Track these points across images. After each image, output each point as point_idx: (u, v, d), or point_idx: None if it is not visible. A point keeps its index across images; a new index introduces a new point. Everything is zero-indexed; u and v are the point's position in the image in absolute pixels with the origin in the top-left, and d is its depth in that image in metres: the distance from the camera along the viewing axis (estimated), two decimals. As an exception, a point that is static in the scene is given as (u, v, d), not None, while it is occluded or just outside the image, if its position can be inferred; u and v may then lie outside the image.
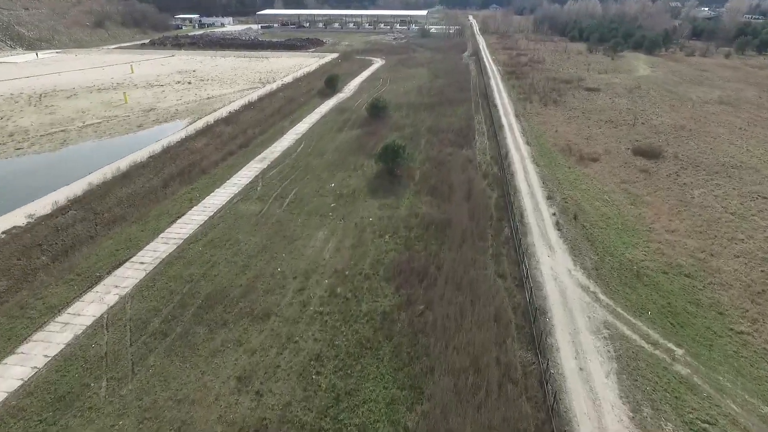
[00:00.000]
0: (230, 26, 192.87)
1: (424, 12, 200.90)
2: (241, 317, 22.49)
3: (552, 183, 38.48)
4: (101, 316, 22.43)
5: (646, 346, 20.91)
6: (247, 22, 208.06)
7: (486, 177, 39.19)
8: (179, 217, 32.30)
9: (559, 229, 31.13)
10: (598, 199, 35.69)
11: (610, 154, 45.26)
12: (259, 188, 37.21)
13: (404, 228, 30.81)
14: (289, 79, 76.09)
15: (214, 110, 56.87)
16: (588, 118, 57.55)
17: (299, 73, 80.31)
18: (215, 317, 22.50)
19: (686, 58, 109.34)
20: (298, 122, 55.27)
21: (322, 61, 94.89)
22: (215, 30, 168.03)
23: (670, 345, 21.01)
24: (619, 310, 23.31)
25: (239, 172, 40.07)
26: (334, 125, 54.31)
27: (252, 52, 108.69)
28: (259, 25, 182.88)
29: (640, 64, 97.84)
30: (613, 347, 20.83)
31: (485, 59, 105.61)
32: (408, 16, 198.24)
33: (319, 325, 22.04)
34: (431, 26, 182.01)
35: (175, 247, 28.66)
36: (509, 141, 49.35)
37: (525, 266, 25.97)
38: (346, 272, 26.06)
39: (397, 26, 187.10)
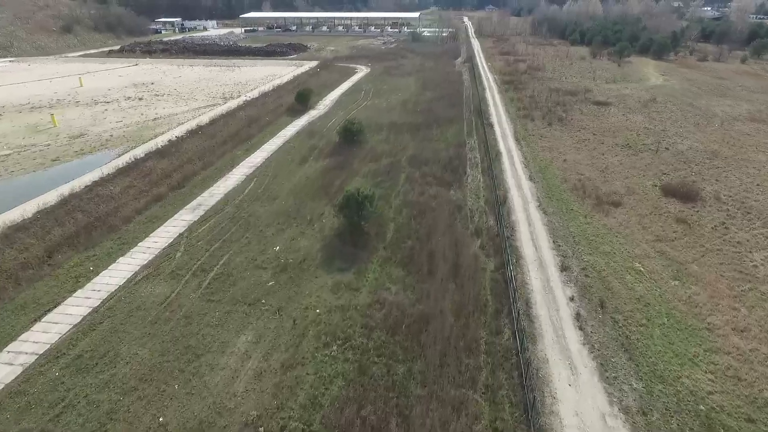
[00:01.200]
0: (213, 30, 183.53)
1: (416, 14, 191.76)
2: None
3: (565, 242, 29.39)
4: None
5: None
6: (232, 26, 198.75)
7: (479, 235, 30.05)
8: (50, 310, 23.10)
9: (581, 328, 22.01)
10: (629, 269, 26.62)
11: (635, 194, 36.20)
12: (178, 255, 28.00)
13: (362, 330, 21.66)
14: (256, 93, 66.85)
15: (156, 136, 47.60)
16: (601, 141, 48.54)
17: (269, 86, 71.01)
18: None
19: (699, 63, 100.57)
20: (256, 150, 46.08)
21: (299, 71, 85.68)
22: (194, 35, 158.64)
23: None
24: None
25: (159, 229, 30.83)
26: (298, 154, 45.12)
27: (224, 60, 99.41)
28: (243, 29, 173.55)
29: (650, 71, 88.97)
30: None
31: (480, 66, 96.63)
32: (399, 18, 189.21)
33: None
34: (424, 29, 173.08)
35: (21, 370, 19.47)
36: (508, 175, 40.25)
37: (532, 413, 16.88)
38: (261, 429, 16.89)
39: (388, 29, 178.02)
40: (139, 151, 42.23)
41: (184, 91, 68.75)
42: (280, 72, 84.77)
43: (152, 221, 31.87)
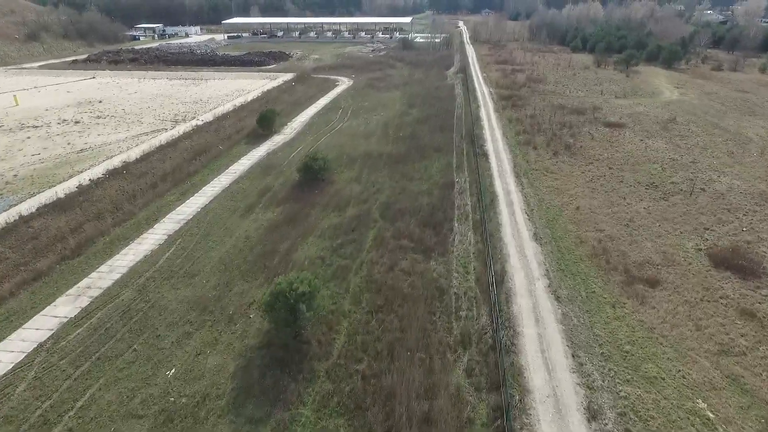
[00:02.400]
0: (196, 36, 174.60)
1: (408, 19, 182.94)
2: None
3: (590, 357, 20.38)
4: None
5: None
6: (218, 32, 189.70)
7: (466, 345, 21.02)
8: None
9: None
10: (690, 413, 17.66)
11: (675, 264, 27.29)
12: (20, 390, 18.90)
13: None
14: (215, 113, 57.79)
15: (71, 176, 38.49)
16: (620, 178, 39.68)
17: (230, 106, 61.81)
18: None
19: (713, 72, 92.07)
20: (193, 194, 37.06)
21: (272, 85, 76.61)
22: (174, 42, 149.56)
23: None
24: None
25: (12, 336, 21.71)
26: (244, 201, 36.09)
27: (193, 72, 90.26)
28: (226, 36, 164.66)
29: (662, 83, 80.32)
30: None
31: (475, 77, 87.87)
32: (391, 23, 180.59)
33: None
34: (417, 35, 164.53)
35: None
36: (507, 232, 31.25)
37: None
38: None
39: (379, 35, 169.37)
40: (33, 203, 32.98)
41: (132, 111, 59.63)
42: (251, 86, 75.72)
43: (8, 319, 22.75)
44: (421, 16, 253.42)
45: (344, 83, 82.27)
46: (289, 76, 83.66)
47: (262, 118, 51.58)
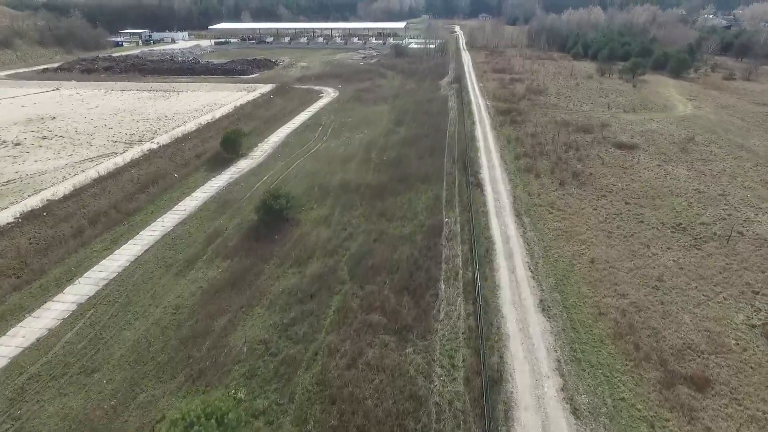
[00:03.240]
0: (183, 42, 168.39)
1: (402, 24, 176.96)
2: None
3: None
4: None
5: None
6: (206, 37, 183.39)
7: None
8: None
9: None
10: None
11: (724, 351, 20.92)
12: None
13: None
14: (173, 135, 51.36)
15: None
16: (639, 216, 33.39)
17: (192, 126, 55.24)
18: None
19: (725, 82, 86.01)
20: (127, 240, 30.65)
21: (249, 97, 70.19)
22: (158, 48, 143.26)
23: None
24: None
25: None
26: (186, 250, 29.68)
27: (165, 83, 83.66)
28: (213, 42, 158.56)
29: (673, 95, 74.29)
30: None
31: (470, 87, 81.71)
32: (385, 28, 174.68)
33: None
34: (411, 40, 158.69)
35: None
36: (506, 300, 24.84)
37: None
38: None
39: (372, 40, 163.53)
40: None
41: (86, 130, 53.18)
42: (225, 99, 69.33)
43: None
44: (417, 21, 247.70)
45: (329, 95, 76.00)
46: (268, 87, 77.31)
47: (227, 140, 45.24)
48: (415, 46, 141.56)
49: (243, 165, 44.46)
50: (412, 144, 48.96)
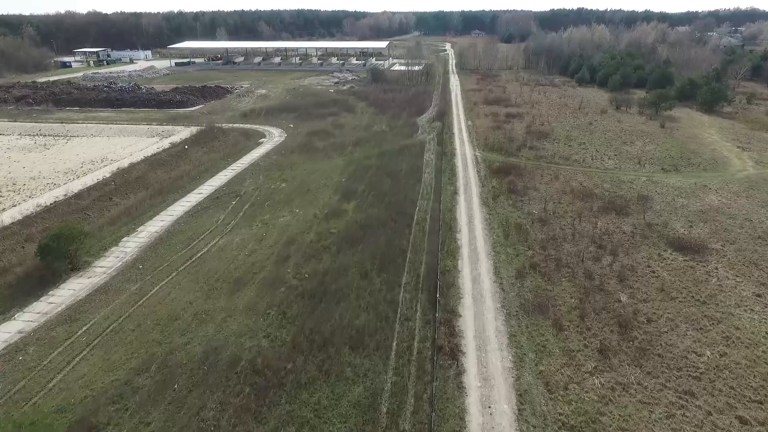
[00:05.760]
0: (143, 62, 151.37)
1: (384, 44, 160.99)
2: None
3: None
4: None
5: None
6: (170, 56, 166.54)
7: None
8: None
9: None
10: None
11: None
12: None
13: None
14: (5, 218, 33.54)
15: None
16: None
17: (16, 213, 37.01)
18: None
19: (771, 118, 69.48)
20: None
21: (157, 147, 52.53)
22: (100, 71, 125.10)
23: None
24: None
25: None
26: None
27: (66, 124, 65.46)
28: (173, 63, 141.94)
29: (716, 140, 57.57)
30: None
31: (456, 128, 64.71)
32: (367, 48, 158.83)
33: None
34: (395, 60, 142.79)
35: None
36: None
37: None
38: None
39: (353, 60, 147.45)
40: None
41: None
42: (124, 151, 51.55)
43: None
44: (404, 38, 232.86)
45: (272, 140, 58.66)
46: (193, 130, 59.63)
47: (47, 249, 27.55)
48: (399, 67, 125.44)
49: (64, 295, 26.53)
50: (357, 244, 31.33)
